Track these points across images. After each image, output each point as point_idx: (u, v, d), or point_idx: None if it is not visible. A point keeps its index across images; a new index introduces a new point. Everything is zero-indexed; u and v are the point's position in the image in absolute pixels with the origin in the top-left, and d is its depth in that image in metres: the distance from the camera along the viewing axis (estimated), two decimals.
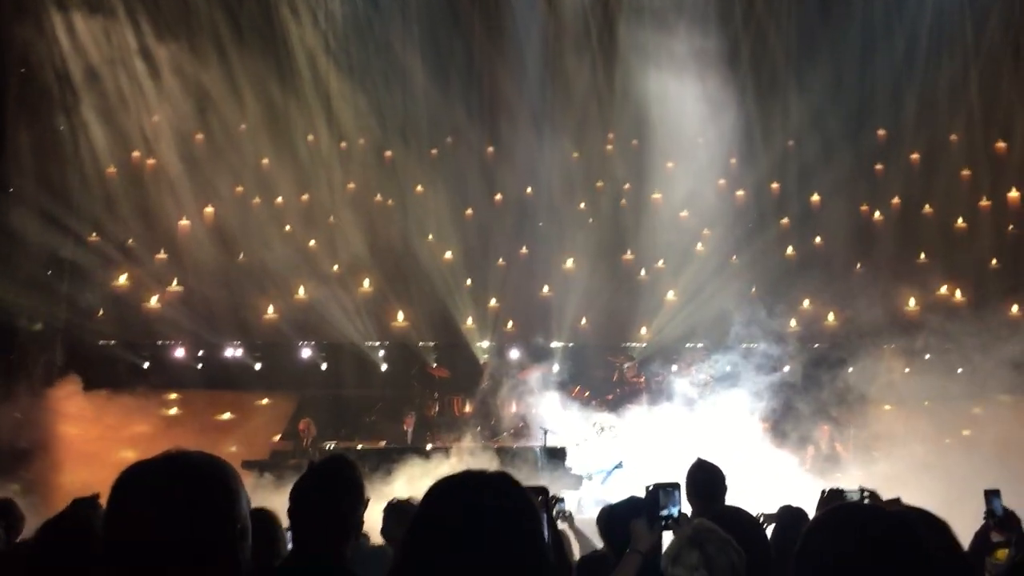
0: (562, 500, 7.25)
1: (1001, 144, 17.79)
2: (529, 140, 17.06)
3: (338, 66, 17.10)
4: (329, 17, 17.07)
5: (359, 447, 13.22)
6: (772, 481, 12.34)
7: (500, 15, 17.20)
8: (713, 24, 17.09)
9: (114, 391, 14.50)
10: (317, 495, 3.02)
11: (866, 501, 4.96)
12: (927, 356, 15.28)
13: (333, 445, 13.06)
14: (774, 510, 5.79)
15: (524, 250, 17.21)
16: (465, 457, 12.04)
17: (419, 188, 17.42)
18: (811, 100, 17.00)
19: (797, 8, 17.30)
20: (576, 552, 6.04)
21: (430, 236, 17.06)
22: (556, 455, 12.42)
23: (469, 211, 17.45)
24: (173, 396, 15.34)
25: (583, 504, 11.33)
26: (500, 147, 17.49)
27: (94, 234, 16.10)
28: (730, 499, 5.20)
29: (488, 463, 11.80)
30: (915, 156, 17.81)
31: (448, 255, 16.91)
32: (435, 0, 17.31)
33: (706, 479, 5.11)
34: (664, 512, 3.69)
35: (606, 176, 17.72)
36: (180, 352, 15.85)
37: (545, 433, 12.80)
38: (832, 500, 4.91)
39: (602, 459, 12.29)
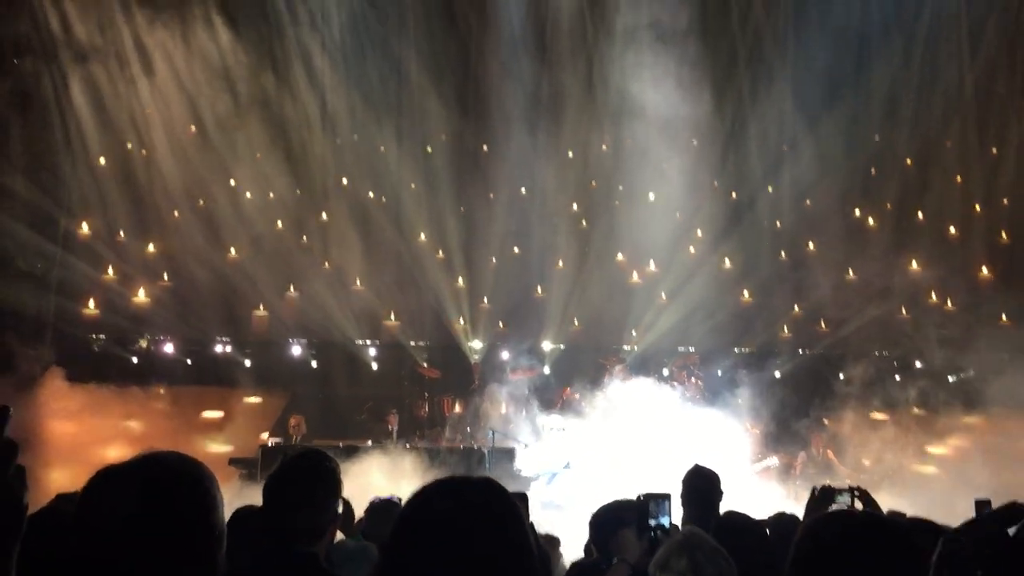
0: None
1: (995, 151, 17.81)
2: (524, 139, 17.00)
3: (333, 61, 17.05)
4: (325, 13, 17.00)
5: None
6: (762, 487, 12.33)
7: (496, 15, 17.14)
8: (711, 29, 17.10)
9: (101, 386, 14.38)
10: (290, 489, 2.96)
11: (856, 500, 4.94)
12: (918, 364, 15.30)
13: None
14: (764, 516, 5.75)
15: (517, 250, 17.16)
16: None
17: (413, 186, 17.35)
18: (806, 104, 17.00)
19: (795, 13, 17.29)
20: None
21: (423, 235, 17.00)
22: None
23: (462, 209, 17.39)
24: (161, 392, 15.21)
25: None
26: (494, 146, 17.45)
27: (84, 227, 16.00)
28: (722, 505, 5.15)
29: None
30: (909, 161, 17.83)
31: (440, 254, 16.85)
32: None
33: (702, 485, 5.05)
34: (653, 522, 3.65)
35: (600, 176, 17.69)
36: (169, 348, 15.73)
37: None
38: (823, 499, 4.88)
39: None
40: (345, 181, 17.44)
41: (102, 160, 16.23)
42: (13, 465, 1.42)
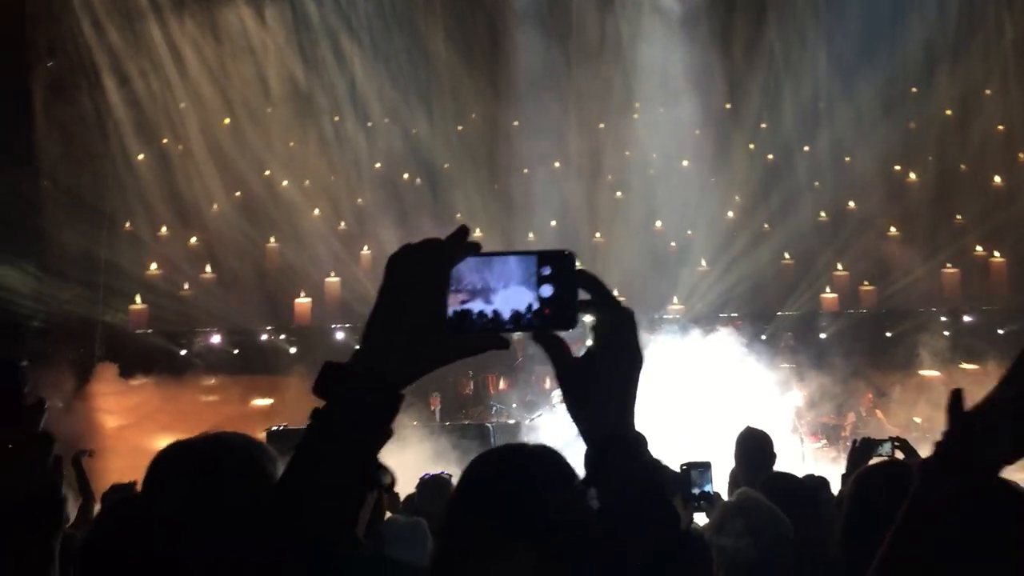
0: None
1: None
2: (555, 112, 16.92)
3: (361, 45, 17.07)
4: None
5: None
6: (811, 451, 12.26)
7: None
8: None
9: (151, 379, 14.65)
10: None
11: (896, 450, 4.95)
12: (966, 318, 15.07)
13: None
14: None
15: (553, 223, 17.11)
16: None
17: (446, 165, 17.37)
18: (841, 60, 16.72)
19: None
20: None
21: (458, 214, 17.03)
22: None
23: (496, 186, 17.39)
24: (210, 382, 15.44)
25: None
26: (526, 121, 17.37)
27: (127, 224, 16.24)
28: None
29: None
30: (949, 112, 17.46)
31: (477, 232, 16.83)
32: None
33: (755, 446, 5.09)
34: (697, 491, 3.68)
35: (633, 145, 17.56)
36: (216, 338, 15.95)
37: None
38: (864, 450, 4.91)
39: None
40: (378, 165, 17.49)
41: (140, 157, 16.43)
42: (51, 457, 1.45)
